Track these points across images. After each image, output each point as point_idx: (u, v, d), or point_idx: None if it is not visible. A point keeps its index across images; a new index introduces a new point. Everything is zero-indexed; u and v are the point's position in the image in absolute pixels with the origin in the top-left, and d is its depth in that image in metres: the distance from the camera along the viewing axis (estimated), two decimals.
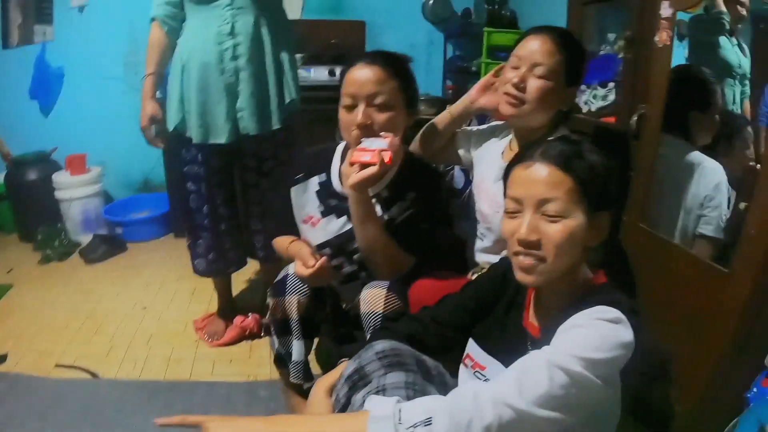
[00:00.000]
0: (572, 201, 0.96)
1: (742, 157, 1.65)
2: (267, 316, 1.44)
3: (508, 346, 1.03)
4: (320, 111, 2.32)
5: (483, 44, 3.36)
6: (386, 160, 1.30)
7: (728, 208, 1.60)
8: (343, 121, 1.42)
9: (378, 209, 1.46)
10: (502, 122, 1.60)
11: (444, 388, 1.08)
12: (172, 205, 3.38)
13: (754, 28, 1.78)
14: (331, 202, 1.53)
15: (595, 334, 0.86)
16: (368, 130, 1.37)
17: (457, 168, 3.08)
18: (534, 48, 1.38)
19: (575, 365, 0.82)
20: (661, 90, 1.50)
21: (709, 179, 1.59)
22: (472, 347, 1.13)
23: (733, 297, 1.25)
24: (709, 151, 1.64)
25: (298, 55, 3.53)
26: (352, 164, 1.33)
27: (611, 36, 1.82)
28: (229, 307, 2.33)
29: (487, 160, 1.61)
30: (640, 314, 0.94)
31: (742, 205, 1.49)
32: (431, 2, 3.96)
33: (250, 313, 2.28)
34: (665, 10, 1.49)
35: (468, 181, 1.85)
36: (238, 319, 2.26)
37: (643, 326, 0.91)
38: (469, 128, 1.72)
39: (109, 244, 3.18)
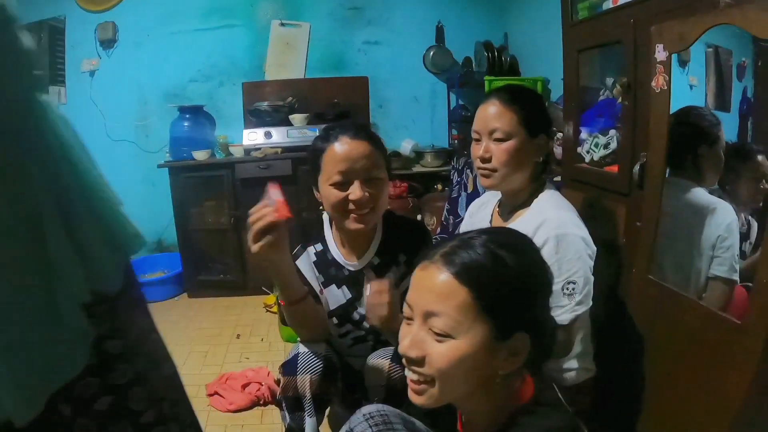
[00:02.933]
0: (466, 319, 0.78)
1: (756, 187, 1.61)
2: (278, 394, 1.40)
3: None
4: None
5: (485, 92, 3.33)
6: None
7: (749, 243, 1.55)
8: (334, 198, 1.33)
9: (373, 277, 1.44)
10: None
11: None
12: (184, 265, 3.42)
13: None
14: (331, 271, 1.51)
15: None
16: (364, 205, 1.34)
17: (464, 194, 3.06)
18: (486, 116, 1.42)
19: None
20: (662, 137, 1.45)
21: (721, 219, 1.54)
22: None
23: (746, 348, 1.19)
24: (718, 192, 1.59)
25: (303, 115, 3.48)
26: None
27: (609, 80, 1.79)
28: None
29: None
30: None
31: None
32: (432, 53, 3.98)
33: (263, 382, 2.23)
34: (660, 54, 1.46)
35: None
36: (252, 387, 2.21)
37: None
38: None
39: None
